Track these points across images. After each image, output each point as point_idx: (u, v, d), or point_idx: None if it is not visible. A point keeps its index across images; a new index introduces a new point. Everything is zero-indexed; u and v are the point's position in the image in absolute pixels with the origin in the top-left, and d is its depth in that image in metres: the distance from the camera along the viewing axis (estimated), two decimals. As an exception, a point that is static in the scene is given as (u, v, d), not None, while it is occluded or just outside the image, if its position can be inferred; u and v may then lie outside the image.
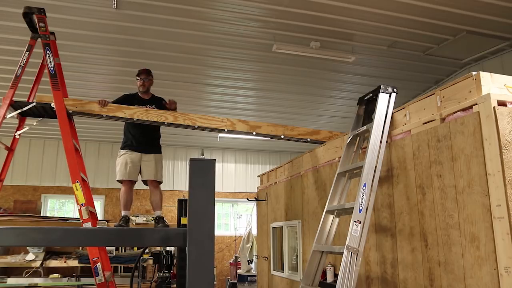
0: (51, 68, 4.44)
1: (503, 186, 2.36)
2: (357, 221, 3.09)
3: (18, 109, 4.47)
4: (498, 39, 6.43)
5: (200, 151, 11.09)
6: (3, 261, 7.41)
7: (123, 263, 7.99)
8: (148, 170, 4.89)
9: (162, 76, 7.55)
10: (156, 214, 4.96)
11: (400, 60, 7.29)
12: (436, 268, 2.86)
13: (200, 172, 1.09)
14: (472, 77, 2.71)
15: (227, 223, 12.18)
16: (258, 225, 7.12)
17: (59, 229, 1.08)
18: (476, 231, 2.53)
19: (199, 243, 1.05)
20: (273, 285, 6.14)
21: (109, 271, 4.54)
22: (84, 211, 4.16)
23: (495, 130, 2.45)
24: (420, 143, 3.11)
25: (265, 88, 8.32)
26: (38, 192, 10.54)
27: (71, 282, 7.54)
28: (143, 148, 4.94)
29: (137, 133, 4.98)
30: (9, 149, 4.64)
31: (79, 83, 7.54)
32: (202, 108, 8.99)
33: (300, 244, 5.16)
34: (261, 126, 4.86)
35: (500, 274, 2.33)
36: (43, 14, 4.45)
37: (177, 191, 11.35)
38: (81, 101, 4.66)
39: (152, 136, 5.03)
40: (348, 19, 5.96)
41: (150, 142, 5.01)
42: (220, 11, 5.76)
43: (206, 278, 1.04)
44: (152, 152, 4.97)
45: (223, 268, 11.37)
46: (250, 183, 11.76)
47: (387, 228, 3.46)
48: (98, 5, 5.51)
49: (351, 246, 3.04)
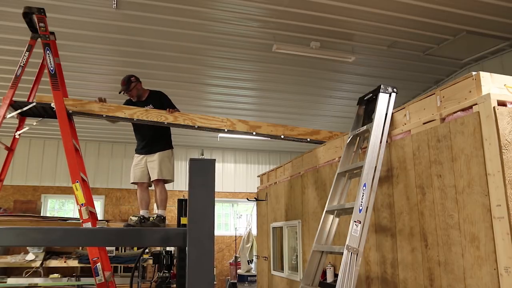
0: (51, 68, 4.44)
1: (503, 186, 2.36)
2: (357, 221, 3.09)
3: (18, 109, 4.46)
4: (498, 39, 6.43)
5: (200, 151, 11.09)
6: (3, 261, 7.41)
7: (123, 263, 8.00)
8: (152, 170, 4.98)
9: (162, 76, 7.56)
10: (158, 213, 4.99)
11: (400, 60, 7.29)
12: (436, 268, 2.86)
13: (200, 172, 1.09)
14: (472, 77, 2.71)
15: (227, 223, 12.18)
16: (258, 225, 7.12)
17: (59, 229, 1.08)
18: (476, 231, 2.53)
19: (199, 243, 1.05)
20: (273, 285, 6.14)
21: (109, 271, 4.53)
22: (84, 211, 4.16)
23: (495, 130, 2.45)
24: (420, 143, 3.11)
25: (265, 88, 8.32)
26: (38, 192, 10.54)
27: (71, 282, 7.54)
28: (146, 150, 5.07)
29: (138, 137, 5.17)
30: (9, 149, 4.64)
31: (79, 83, 7.54)
32: (202, 108, 8.99)
33: (300, 244, 5.16)
34: (261, 126, 4.85)
35: (500, 274, 2.33)
36: (43, 14, 4.45)
37: (177, 191, 11.34)
38: (81, 101, 4.66)
39: (153, 136, 5.05)
40: (348, 19, 5.96)
41: (152, 142, 5.05)
42: (220, 11, 5.76)
43: (206, 278, 1.04)
44: (156, 151, 4.99)
45: (223, 268, 11.37)
46: (250, 183, 11.76)
47: (387, 228, 3.46)
48: (98, 5, 5.51)
49: (351, 246, 3.03)
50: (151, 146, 5.05)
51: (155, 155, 4.99)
